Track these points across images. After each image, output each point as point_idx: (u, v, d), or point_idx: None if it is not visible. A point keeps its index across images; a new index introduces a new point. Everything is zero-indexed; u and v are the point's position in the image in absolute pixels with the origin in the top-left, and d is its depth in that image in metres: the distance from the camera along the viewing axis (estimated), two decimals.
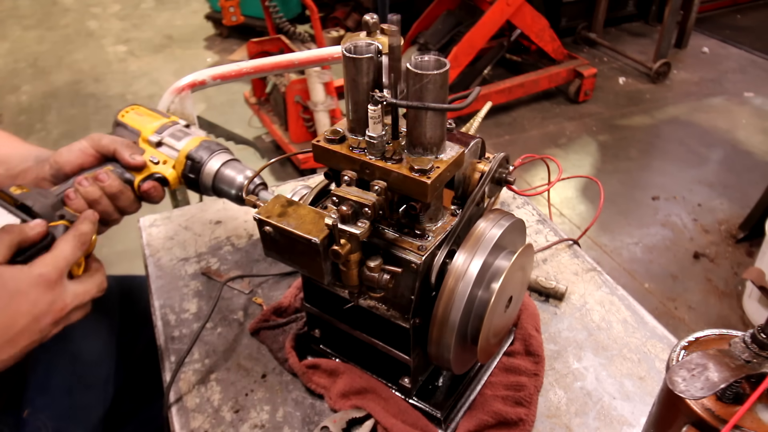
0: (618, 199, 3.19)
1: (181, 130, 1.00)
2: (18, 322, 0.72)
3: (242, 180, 0.96)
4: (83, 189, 0.89)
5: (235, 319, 1.06)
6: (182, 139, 0.98)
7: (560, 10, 4.72)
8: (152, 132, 0.98)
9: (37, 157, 0.96)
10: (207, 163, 0.96)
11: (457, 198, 0.82)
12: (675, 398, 0.61)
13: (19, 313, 0.72)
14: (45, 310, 0.74)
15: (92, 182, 0.90)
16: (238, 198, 0.97)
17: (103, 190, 0.90)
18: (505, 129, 3.87)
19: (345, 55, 0.68)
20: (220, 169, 0.96)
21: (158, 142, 0.98)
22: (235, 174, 0.96)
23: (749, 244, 2.85)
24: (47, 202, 0.86)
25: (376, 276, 0.70)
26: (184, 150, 0.97)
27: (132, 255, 2.59)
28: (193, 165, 0.97)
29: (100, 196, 0.90)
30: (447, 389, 0.89)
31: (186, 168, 0.97)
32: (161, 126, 0.99)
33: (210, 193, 1.00)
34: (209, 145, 0.98)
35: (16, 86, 4.54)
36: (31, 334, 0.74)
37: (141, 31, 5.48)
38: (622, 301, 1.07)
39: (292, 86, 3.18)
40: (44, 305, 0.74)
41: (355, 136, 0.74)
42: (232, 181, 0.96)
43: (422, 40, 4.06)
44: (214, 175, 0.97)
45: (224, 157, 0.98)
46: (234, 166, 0.98)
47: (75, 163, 0.92)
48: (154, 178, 0.96)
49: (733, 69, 4.53)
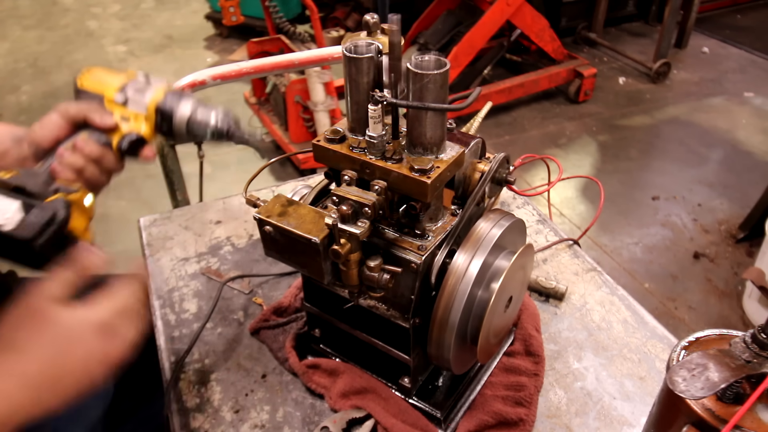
0: (618, 199, 3.19)
1: (142, 83, 0.99)
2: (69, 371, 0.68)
3: (214, 118, 0.97)
4: (66, 160, 0.90)
5: (235, 319, 1.05)
6: (146, 92, 0.98)
7: (560, 10, 4.71)
8: (115, 91, 0.98)
9: (13, 137, 0.96)
10: (177, 111, 0.97)
11: (457, 198, 0.82)
12: (675, 398, 0.61)
13: (72, 362, 0.68)
14: (99, 360, 0.70)
15: (73, 151, 0.91)
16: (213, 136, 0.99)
17: (85, 157, 0.92)
18: (505, 129, 3.87)
19: (345, 55, 0.68)
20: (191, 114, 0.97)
21: (124, 101, 0.98)
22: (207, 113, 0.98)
23: (749, 244, 2.85)
24: (39, 180, 0.88)
25: (376, 276, 0.70)
26: (151, 103, 0.97)
27: (132, 255, 2.60)
28: (163, 116, 0.98)
29: (84, 163, 0.92)
30: (447, 389, 0.89)
31: (158, 120, 0.98)
32: (122, 85, 0.99)
33: (185, 140, 1.01)
34: (174, 93, 0.98)
35: (16, 86, 4.54)
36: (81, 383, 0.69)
37: (141, 31, 5.48)
38: (623, 301, 1.07)
39: (292, 86, 3.17)
40: (99, 354, 0.70)
41: (356, 135, 0.74)
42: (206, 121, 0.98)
43: (422, 40, 4.06)
44: (187, 121, 0.98)
45: (193, 102, 0.99)
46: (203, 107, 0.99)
47: (50, 137, 0.93)
48: (132, 138, 0.97)
49: (733, 69, 4.53)
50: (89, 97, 1.00)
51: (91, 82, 1.00)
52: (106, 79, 1.00)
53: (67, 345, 0.69)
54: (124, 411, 1.15)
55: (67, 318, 0.71)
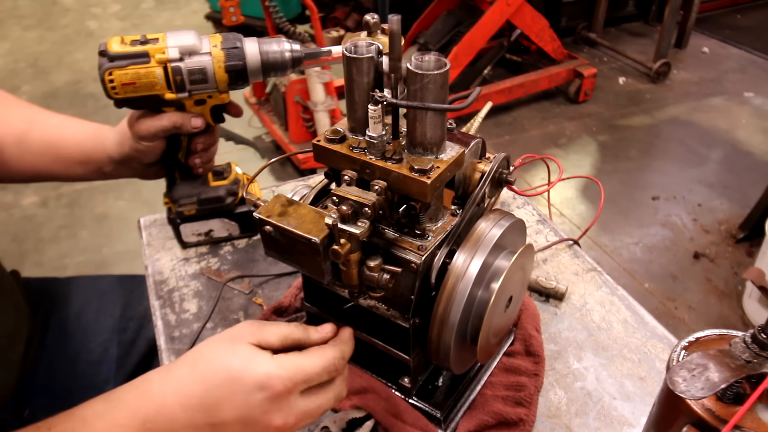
0: (618, 199, 3.19)
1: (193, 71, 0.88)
2: (223, 411, 0.61)
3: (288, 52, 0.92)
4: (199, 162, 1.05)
5: (235, 319, 1.05)
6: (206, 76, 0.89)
7: (560, 10, 4.71)
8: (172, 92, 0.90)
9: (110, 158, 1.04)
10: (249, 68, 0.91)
11: (458, 198, 0.82)
12: (675, 398, 0.61)
13: (228, 404, 0.61)
14: (257, 419, 0.61)
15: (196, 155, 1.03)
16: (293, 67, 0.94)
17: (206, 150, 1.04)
18: (505, 129, 3.87)
19: (345, 55, 0.68)
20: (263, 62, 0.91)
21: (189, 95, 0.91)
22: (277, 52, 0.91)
23: (749, 244, 2.85)
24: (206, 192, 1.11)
25: (375, 276, 0.70)
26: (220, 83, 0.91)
27: (132, 255, 2.60)
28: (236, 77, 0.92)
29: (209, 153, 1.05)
30: (447, 389, 0.89)
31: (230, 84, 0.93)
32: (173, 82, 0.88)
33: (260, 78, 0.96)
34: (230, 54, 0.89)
35: (16, 86, 4.54)
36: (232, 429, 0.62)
37: (141, 31, 5.43)
38: (623, 301, 1.07)
39: (292, 86, 3.18)
40: (257, 411, 0.61)
41: (356, 135, 0.74)
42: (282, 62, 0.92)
43: (422, 40, 4.06)
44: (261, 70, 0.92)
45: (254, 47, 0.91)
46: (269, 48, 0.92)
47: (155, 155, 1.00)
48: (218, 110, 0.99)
49: (733, 69, 4.53)
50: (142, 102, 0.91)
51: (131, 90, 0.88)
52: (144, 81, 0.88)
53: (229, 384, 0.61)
54: None
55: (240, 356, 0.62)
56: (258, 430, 0.62)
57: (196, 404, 0.60)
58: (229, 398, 0.60)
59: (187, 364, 0.64)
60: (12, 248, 0.81)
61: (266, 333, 0.65)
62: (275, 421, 0.61)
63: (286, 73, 0.95)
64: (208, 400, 0.61)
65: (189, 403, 0.60)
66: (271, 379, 0.60)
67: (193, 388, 0.61)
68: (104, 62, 0.87)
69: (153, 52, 0.87)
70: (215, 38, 0.91)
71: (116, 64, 0.87)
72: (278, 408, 0.61)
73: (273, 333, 0.65)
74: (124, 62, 0.86)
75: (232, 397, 0.60)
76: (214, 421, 0.61)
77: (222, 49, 0.90)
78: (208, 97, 0.94)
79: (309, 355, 0.65)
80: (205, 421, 0.61)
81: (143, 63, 0.87)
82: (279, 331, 0.66)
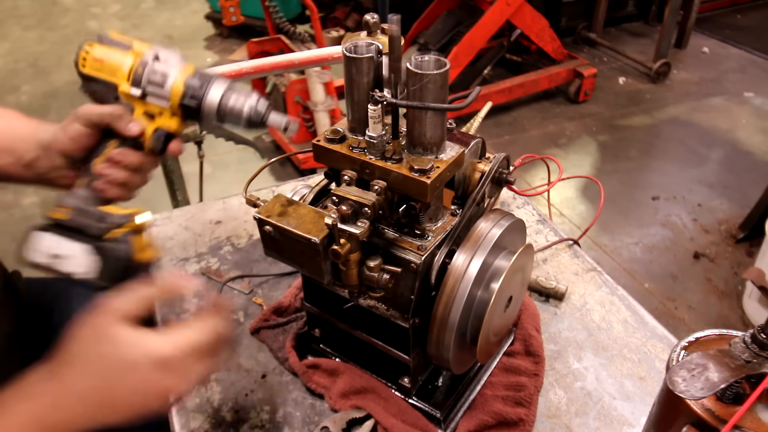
0: (618, 199, 3.19)
1: (156, 71, 0.89)
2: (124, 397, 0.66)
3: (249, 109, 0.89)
4: (109, 176, 0.89)
5: (235, 319, 1.05)
6: (164, 83, 0.89)
7: (560, 10, 4.72)
8: (129, 83, 0.89)
9: (38, 142, 0.94)
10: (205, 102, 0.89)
11: (457, 198, 0.82)
12: (675, 398, 0.61)
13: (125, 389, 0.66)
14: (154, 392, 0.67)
15: (112, 166, 0.89)
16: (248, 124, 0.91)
17: (126, 168, 0.90)
18: (505, 129, 3.87)
19: (345, 55, 0.68)
20: (221, 103, 0.89)
21: (142, 94, 0.90)
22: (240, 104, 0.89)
23: (749, 244, 2.85)
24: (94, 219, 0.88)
25: (375, 276, 0.70)
26: (174, 96, 0.89)
27: None
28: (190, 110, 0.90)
29: (127, 174, 0.90)
30: (447, 389, 0.89)
31: (184, 113, 0.91)
32: (133, 73, 0.89)
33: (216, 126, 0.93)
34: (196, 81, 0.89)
35: (16, 86, 4.54)
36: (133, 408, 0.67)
37: (141, 31, 5.48)
38: (622, 301, 1.07)
39: (292, 86, 3.18)
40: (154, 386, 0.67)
41: (356, 135, 0.74)
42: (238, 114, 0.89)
43: (422, 40, 4.06)
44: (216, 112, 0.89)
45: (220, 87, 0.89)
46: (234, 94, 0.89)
47: (79, 147, 0.91)
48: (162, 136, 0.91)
49: (733, 69, 4.53)
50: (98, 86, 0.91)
51: (96, 68, 0.91)
52: (111, 61, 0.90)
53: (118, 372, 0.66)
54: None
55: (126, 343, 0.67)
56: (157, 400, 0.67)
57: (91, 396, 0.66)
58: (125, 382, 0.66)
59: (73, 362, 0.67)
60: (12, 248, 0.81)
61: (126, 305, 0.69)
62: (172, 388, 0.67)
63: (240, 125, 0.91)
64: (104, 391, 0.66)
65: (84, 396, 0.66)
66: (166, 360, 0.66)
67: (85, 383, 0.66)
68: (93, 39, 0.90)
69: (136, 47, 0.90)
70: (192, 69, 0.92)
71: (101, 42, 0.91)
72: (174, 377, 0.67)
73: (131, 302, 0.70)
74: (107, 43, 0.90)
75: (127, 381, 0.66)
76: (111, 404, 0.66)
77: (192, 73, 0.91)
78: (158, 113, 0.92)
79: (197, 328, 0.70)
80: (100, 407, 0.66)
81: (121, 49, 0.90)
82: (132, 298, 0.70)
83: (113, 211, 0.89)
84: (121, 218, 0.88)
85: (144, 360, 0.66)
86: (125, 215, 0.89)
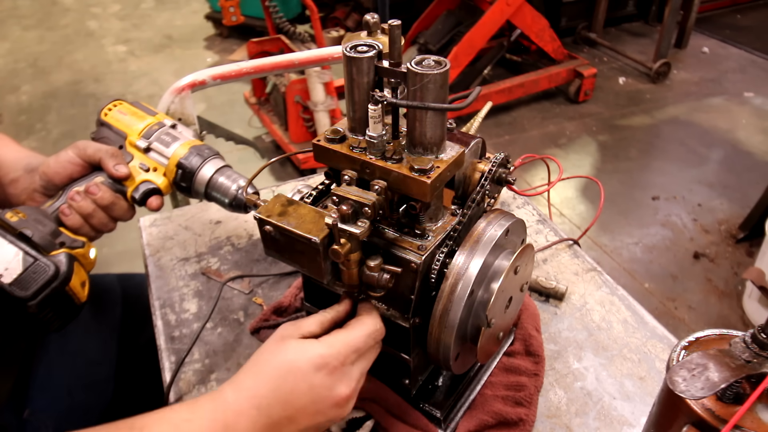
0: (618, 199, 3.19)
1: (169, 133, 0.97)
2: (295, 401, 0.68)
3: (235, 190, 0.95)
4: (76, 204, 0.88)
5: (235, 319, 1.06)
6: (171, 144, 0.96)
7: (560, 10, 4.72)
8: (139, 136, 0.96)
9: (27, 165, 0.95)
10: (199, 172, 0.96)
11: (458, 198, 0.82)
12: (675, 398, 0.61)
13: (296, 392, 0.68)
14: (324, 396, 0.68)
15: (84, 196, 0.89)
16: (230, 205, 0.97)
17: (96, 203, 0.90)
18: (505, 129, 3.87)
19: (345, 55, 0.68)
20: (213, 178, 0.96)
21: (146, 147, 0.96)
22: (229, 183, 0.96)
23: (749, 244, 2.85)
24: (45, 231, 0.85)
25: (375, 275, 0.70)
26: (174, 157, 0.95)
27: (132, 255, 2.59)
28: (184, 173, 0.96)
29: (94, 209, 0.90)
30: (447, 389, 0.89)
31: (177, 176, 0.96)
32: (148, 129, 0.97)
33: (202, 199, 1.00)
34: (199, 151, 0.96)
35: (16, 86, 4.54)
36: (309, 416, 0.68)
37: (141, 31, 5.48)
38: (623, 301, 1.07)
39: (292, 86, 3.18)
40: (323, 390, 0.68)
41: (356, 135, 0.74)
42: (225, 190, 0.96)
43: (422, 40, 4.06)
44: (207, 184, 0.96)
45: (216, 165, 0.97)
46: (227, 174, 0.97)
47: (64, 174, 0.92)
48: (147, 188, 0.95)
49: (733, 69, 4.53)
50: (110, 132, 0.97)
51: (115, 117, 0.98)
52: (132, 117, 0.98)
53: (290, 374, 0.68)
54: (124, 411, 1.15)
55: (289, 349, 0.69)
56: (328, 405, 0.69)
57: (270, 403, 0.67)
58: (295, 387, 0.67)
59: (251, 371, 0.69)
60: None
61: (305, 325, 0.72)
62: (341, 392, 0.69)
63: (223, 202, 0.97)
64: (279, 396, 0.67)
65: (263, 404, 0.67)
66: (324, 358, 0.68)
67: (262, 390, 0.67)
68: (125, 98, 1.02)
69: (159, 115, 1.00)
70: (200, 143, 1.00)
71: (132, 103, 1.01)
72: (339, 380, 0.69)
73: (311, 323, 0.73)
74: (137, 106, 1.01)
75: (297, 385, 0.67)
76: (288, 412, 0.67)
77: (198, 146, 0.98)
78: (153, 169, 0.97)
79: (351, 328, 0.72)
80: (280, 415, 0.67)
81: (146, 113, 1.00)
82: (314, 319, 0.73)
83: (68, 233, 0.88)
84: (73, 241, 0.87)
85: (303, 359, 0.68)
86: (79, 240, 0.88)
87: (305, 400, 0.67)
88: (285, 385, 0.67)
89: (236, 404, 0.67)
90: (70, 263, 0.83)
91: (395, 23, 0.65)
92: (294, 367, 0.67)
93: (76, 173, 0.93)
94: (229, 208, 0.98)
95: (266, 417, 0.67)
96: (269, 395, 0.67)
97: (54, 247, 0.84)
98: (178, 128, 0.99)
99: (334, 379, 0.68)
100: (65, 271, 0.82)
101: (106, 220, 0.92)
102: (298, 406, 0.67)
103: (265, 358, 0.70)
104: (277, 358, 0.69)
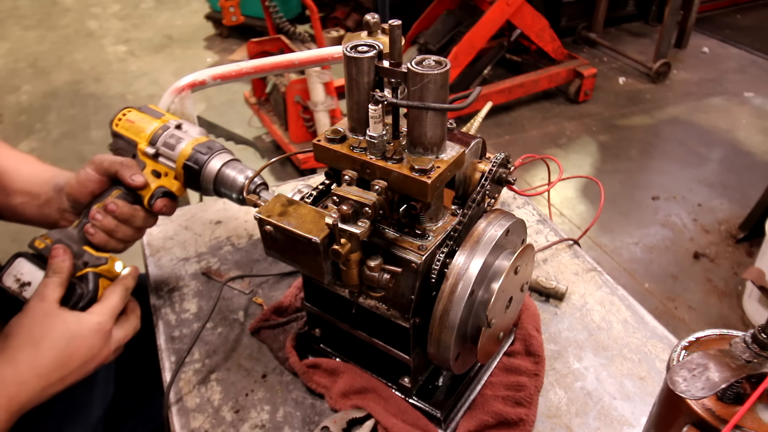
0: (618, 199, 3.19)
1: (173, 135, 0.97)
2: (72, 363, 0.82)
3: (243, 181, 0.95)
4: (99, 222, 0.93)
5: (235, 319, 1.05)
6: (176, 146, 0.96)
7: (560, 10, 4.72)
8: (146, 143, 0.97)
9: (55, 186, 1.00)
10: (206, 168, 0.96)
11: (458, 198, 0.82)
12: (676, 398, 0.61)
13: (76, 355, 0.82)
14: (96, 355, 0.85)
15: (105, 214, 0.93)
16: (239, 200, 0.97)
17: (117, 219, 0.94)
18: (505, 129, 3.87)
19: (345, 55, 0.68)
20: (219, 171, 0.96)
21: (155, 153, 0.97)
22: (236, 174, 0.96)
23: (749, 244, 2.85)
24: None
25: (376, 275, 0.70)
26: (180, 159, 0.96)
27: (132, 255, 2.60)
28: (192, 172, 0.96)
29: (116, 224, 0.94)
30: (447, 389, 0.89)
31: (186, 176, 0.97)
32: (153, 134, 0.97)
33: (212, 195, 1.00)
34: (203, 148, 0.96)
35: (16, 86, 4.54)
36: (78, 374, 0.84)
37: (141, 31, 5.48)
38: (623, 301, 1.07)
39: (292, 86, 3.18)
40: (96, 350, 0.84)
41: (356, 135, 0.74)
42: (233, 182, 0.96)
43: (422, 40, 4.06)
44: (215, 179, 0.96)
45: (222, 159, 0.97)
46: (233, 167, 0.97)
47: (86, 192, 0.96)
48: (161, 193, 0.96)
49: (733, 69, 4.53)
50: (123, 143, 1.00)
51: (125, 127, 1.00)
52: (138, 124, 0.99)
53: (73, 341, 0.82)
54: (124, 411, 1.15)
55: (71, 318, 0.83)
56: (96, 364, 0.85)
57: (50, 370, 0.80)
58: (76, 352, 0.82)
59: (26, 345, 0.80)
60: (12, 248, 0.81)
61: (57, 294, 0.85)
62: (105, 351, 0.86)
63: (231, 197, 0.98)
64: (59, 362, 0.81)
65: (43, 372, 0.79)
66: (101, 323, 0.85)
67: (43, 360, 0.80)
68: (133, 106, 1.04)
69: (166, 117, 1.01)
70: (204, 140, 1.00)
71: (139, 109, 1.02)
72: (106, 342, 0.86)
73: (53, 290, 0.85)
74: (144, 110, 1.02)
75: (78, 350, 0.82)
76: (63, 374, 0.81)
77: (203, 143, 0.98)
78: (164, 174, 0.98)
79: (107, 295, 0.89)
80: (56, 378, 0.81)
81: (153, 116, 1.01)
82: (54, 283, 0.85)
83: (92, 252, 0.93)
84: (97, 259, 0.93)
85: (88, 328, 0.84)
86: (102, 257, 0.93)
87: (79, 362, 0.83)
88: (68, 350, 0.81)
89: (16, 377, 0.77)
90: (95, 283, 0.91)
91: (395, 23, 0.65)
92: (77, 333, 0.82)
93: (97, 189, 0.96)
94: (238, 202, 0.98)
95: (45, 381, 0.79)
96: (50, 363, 0.80)
97: (78, 268, 0.91)
98: (183, 127, 0.99)
99: (104, 341, 0.85)
100: (91, 290, 0.90)
101: (130, 232, 0.96)
102: (72, 367, 0.82)
103: (48, 331, 0.81)
104: (57, 329, 0.81)
